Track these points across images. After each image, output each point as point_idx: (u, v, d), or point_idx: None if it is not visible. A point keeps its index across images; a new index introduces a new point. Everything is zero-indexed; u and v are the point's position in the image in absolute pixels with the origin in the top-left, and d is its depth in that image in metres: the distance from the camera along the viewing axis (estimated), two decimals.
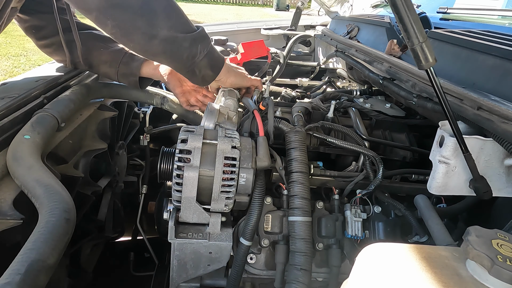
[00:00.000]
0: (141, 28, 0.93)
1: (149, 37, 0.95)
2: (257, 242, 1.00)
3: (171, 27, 0.95)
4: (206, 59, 1.05)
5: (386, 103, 1.40)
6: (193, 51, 1.00)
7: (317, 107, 1.27)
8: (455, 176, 0.81)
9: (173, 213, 0.99)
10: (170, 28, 0.95)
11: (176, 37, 0.96)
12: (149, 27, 0.93)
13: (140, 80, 1.30)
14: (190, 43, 0.99)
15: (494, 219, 0.99)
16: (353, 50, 1.53)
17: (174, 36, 0.96)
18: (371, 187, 1.03)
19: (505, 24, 1.49)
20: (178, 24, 0.97)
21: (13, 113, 1.02)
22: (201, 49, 1.02)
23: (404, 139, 1.23)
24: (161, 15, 0.94)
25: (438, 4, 1.71)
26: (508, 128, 0.71)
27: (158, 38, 0.95)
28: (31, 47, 6.65)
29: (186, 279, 1.01)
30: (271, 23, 2.64)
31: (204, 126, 1.03)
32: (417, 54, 0.70)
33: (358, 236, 0.99)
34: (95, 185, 1.31)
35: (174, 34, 0.96)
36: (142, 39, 0.95)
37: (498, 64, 0.89)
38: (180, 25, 0.98)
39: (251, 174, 0.96)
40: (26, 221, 0.79)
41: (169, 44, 0.97)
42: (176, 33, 0.96)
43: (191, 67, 1.04)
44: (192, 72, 1.06)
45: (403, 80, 1.09)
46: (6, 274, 0.59)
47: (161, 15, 0.94)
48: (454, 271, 0.49)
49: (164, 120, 1.71)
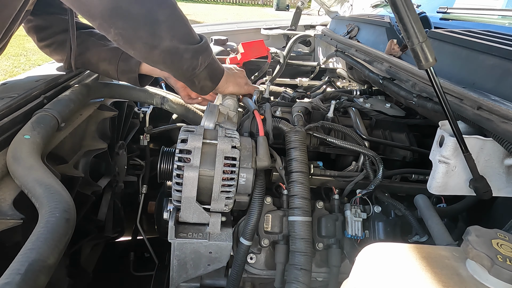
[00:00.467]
0: (143, 38, 0.93)
1: (151, 47, 0.94)
2: (257, 242, 1.00)
3: (173, 37, 0.95)
4: (206, 70, 1.05)
5: (386, 103, 1.40)
6: (194, 63, 1.00)
7: (317, 107, 1.27)
8: (455, 176, 0.81)
9: (173, 213, 0.99)
10: (172, 38, 0.95)
11: (178, 48, 0.96)
12: (151, 37, 0.93)
13: (140, 78, 1.30)
14: (192, 55, 0.99)
15: (494, 219, 0.99)
16: (353, 50, 1.53)
17: (176, 47, 0.96)
18: (371, 187, 1.03)
19: (505, 24, 1.49)
20: (180, 34, 0.97)
21: (13, 113, 1.02)
22: (202, 61, 1.02)
23: (404, 139, 1.23)
24: (164, 25, 0.93)
25: (438, 4, 1.71)
26: (508, 128, 0.71)
27: (159, 49, 0.94)
28: (31, 47, 6.64)
29: (186, 279, 1.01)
30: (271, 23, 2.64)
31: (204, 126, 1.03)
32: (417, 54, 0.70)
33: (358, 236, 0.99)
34: (95, 185, 1.31)
35: (176, 44, 0.95)
36: (144, 48, 0.95)
37: (498, 64, 0.89)
38: (183, 36, 0.97)
39: (251, 174, 0.96)
40: (26, 221, 0.79)
41: (170, 55, 0.96)
42: (178, 44, 0.96)
43: (191, 77, 1.04)
44: (192, 82, 1.07)
45: (403, 80, 1.09)
46: (6, 274, 0.59)
47: (164, 25, 0.93)
48: (454, 271, 0.49)
49: (164, 120, 1.71)
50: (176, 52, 0.96)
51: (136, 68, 1.27)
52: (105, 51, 1.27)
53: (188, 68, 1.01)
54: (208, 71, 1.06)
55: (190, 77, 1.04)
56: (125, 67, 1.27)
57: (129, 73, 1.28)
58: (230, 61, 1.94)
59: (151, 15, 0.91)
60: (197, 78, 1.06)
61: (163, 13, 0.93)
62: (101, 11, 0.88)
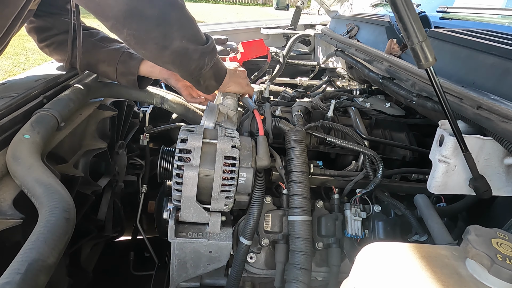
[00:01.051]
0: (156, 38, 0.93)
1: (162, 48, 0.95)
2: (257, 241, 1.00)
3: (183, 38, 0.95)
4: (211, 70, 1.06)
5: (386, 103, 1.40)
6: (201, 63, 1.01)
7: (317, 107, 1.27)
8: (455, 175, 0.81)
9: (173, 213, 0.99)
10: (182, 38, 0.95)
11: (187, 48, 0.96)
12: (163, 38, 0.93)
13: (139, 80, 1.30)
14: (200, 55, 0.99)
15: (493, 218, 0.99)
16: (353, 49, 1.53)
17: (186, 47, 0.96)
18: (371, 186, 1.03)
19: (505, 23, 1.49)
20: (190, 34, 0.97)
21: (13, 113, 1.02)
22: (208, 61, 1.02)
23: (404, 138, 1.23)
24: (175, 25, 0.94)
25: (438, 3, 1.71)
26: (508, 127, 0.71)
27: (170, 49, 0.95)
28: (31, 47, 6.64)
29: (186, 278, 1.01)
30: (271, 23, 2.64)
31: (204, 125, 1.03)
32: (416, 53, 0.70)
33: (358, 235, 0.99)
34: (95, 185, 1.31)
35: (185, 45, 0.96)
36: (155, 49, 0.95)
37: (497, 63, 0.89)
38: (192, 36, 0.98)
39: (251, 173, 0.96)
40: (26, 220, 0.79)
41: (180, 56, 0.97)
42: (187, 44, 0.96)
43: (197, 77, 1.05)
44: (197, 81, 1.07)
45: (402, 79, 1.09)
46: (6, 273, 0.59)
47: (175, 26, 0.94)
48: (454, 270, 0.49)
49: (163, 119, 1.71)
50: (185, 52, 0.97)
51: (135, 70, 1.27)
52: (104, 52, 1.27)
53: (196, 68, 1.02)
54: (213, 71, 1.07)
55: (197, 77, 1.05)
56: (124, 69, 1.27)
57: (128, 75, 1.28)
58: (230, 60, 1.94)
59: (164, 16, 0.92)
60: (203, 78, 1.06)
61: (175, 14, 0.93)
62: (116, 12, 0.88)
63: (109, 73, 1.30)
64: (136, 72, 1.28)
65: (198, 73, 1.03)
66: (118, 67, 1.27)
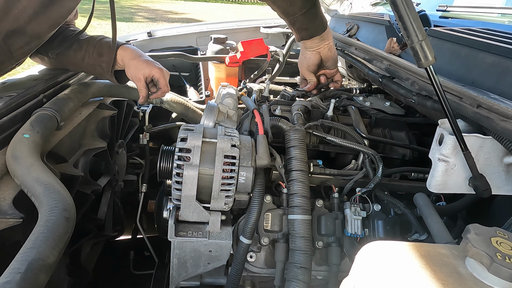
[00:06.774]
0: None
1: None
2: (257, 240, 1.00)
3: None
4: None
5: (386, 102, 1.40)
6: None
7: (317, 106, 1.27)
8: (455, 174, 0.81)
9: (173, 212, 0.99)
10: None
11: None
12: None
13: (117, 74, 1.29)
14: None
15: (493, 217, 0.99)
16: (353, 48, 1.53)
17: None
18: (371, 185, 1.03)
19: (504, 22, 1.49)
20: None
21: (12, 112, 1.02)
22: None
23: (403, 137, 1.23)
24: None
25: (438, 2, 1.71)
26: (508, 126, 0.71)
27: None
28: None
29: (186, 277, 1.01)
30: (271, 22, 2.63)
31: (203, 124, 1.03)
32: (416, 52, 0.70)
33: (358, 234, 0.99)
34: (94, 184, 1.31)
35: None
36: None
37: (497, 62, 0.89)
38: None
39: (251, 172, 0.96)
40: (25, 220, 0.79)
41: None
42: None
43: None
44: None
45: (402, 78, 1.09)
46: (6, 273, 0.59)
47: None
48: (454, 269, 0.49)
49: (163, 118, 1.71)
50: None
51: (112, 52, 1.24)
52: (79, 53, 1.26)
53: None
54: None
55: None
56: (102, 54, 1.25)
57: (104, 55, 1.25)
58: (230, 59, 1.94)
59: None
60: None
61: None
62: None
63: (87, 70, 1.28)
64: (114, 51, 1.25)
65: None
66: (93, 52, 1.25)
